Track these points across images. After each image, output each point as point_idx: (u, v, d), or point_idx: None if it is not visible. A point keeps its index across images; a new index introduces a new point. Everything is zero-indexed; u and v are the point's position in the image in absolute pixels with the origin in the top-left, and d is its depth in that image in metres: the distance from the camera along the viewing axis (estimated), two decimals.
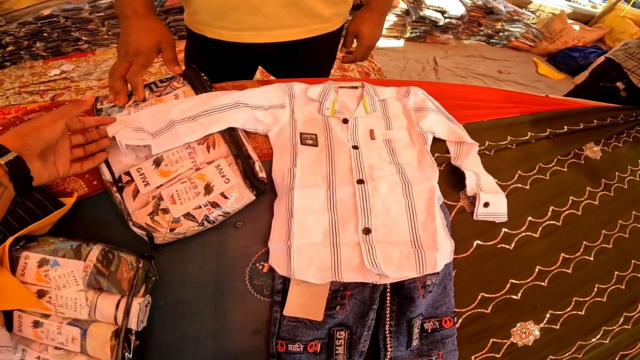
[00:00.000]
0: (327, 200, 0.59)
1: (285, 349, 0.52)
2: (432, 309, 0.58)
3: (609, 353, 0.68)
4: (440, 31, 3.01)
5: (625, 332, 0.70)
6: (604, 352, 0.68)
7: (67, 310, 0.47)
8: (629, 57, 1.34)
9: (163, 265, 0.56)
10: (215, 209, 0.54)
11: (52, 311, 0.47)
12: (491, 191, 0.67)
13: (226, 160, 0.58)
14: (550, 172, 0.78)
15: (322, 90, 0.73)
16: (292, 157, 0.64)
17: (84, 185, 0.62)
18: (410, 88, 0.77)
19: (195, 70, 0.72)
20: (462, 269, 0.64)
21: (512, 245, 0.69)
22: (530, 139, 0.80)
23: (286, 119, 0.70)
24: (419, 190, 0.61)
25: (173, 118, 0.59)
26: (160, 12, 2.40)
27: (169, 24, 2.50)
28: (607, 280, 0.72)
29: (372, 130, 0.69)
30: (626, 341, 0.70)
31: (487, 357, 0.61)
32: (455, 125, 0.73)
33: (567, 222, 0.74)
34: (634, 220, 0.81)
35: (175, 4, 2.37)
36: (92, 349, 0.46)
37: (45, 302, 0.47)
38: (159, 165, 0.57)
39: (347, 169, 0.63)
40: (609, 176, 0.84)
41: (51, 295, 0.47)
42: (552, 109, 0.88)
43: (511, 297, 0.65)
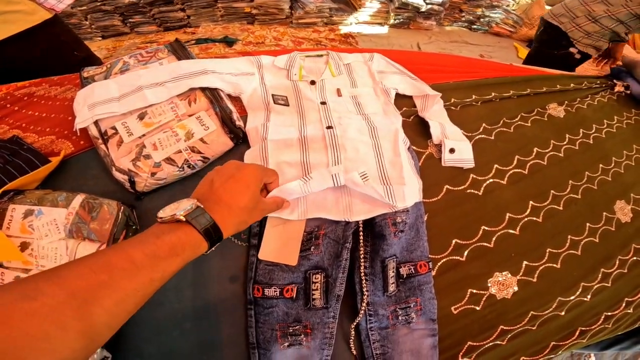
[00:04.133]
0: (299, 145, 0.63)
1: (261, 293, 0.54)
2: (407, 252, 0.60)
3: (593, 313, 0.69)
4: (423, 17, 3.07)
5: (606, 290, 0.71)
6: (586, 311, 0.69)
7: (48, 261, 0.48)
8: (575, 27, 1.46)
9: (145, 215, 0.58)
10: (195, 153, 0.58)
11: (33, 265, 0.48)
12: (456, 139, 0.72)
13: (206, 112, 0.62)
14: (514, 126, 0.83)
15: (288, 59, 0.78)
16: (266, 114, 0.68)
17: (71, 145, 0.65)
18: (374, 54, 0.83)
19: (180, 42, 0.76)
20: (434, 213, 0.67)
21: (481, 190, 0.72)
22: (494, 97, 0.85)
23: (257, 84, 0.74)
24: (384, 132, 0.66)
25: (141, 84, 0.63)
26: (144, 4, 2.41)
27: (153, 16, 2.51)
28: (580, 232, 0.75)
29: (339, 89, 0.75)
30: (608, 301, 0.71)
31: (467, 309, 0.62)
32: (418, 83, 0.79)
33: (533, 171, 0.78)
34: (601, 172, 0.85)
35: None
36: None
37: (27, 255, 0.48)
38: (143, 118, 0.61)
39: (317, 120, 0.67)
40: (573, 132, 0.89)
41: (33, 247, 0.49)
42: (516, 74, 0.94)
43: (485, 244, 0.68)
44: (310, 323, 0.54)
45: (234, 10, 2.62)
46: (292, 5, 2.71)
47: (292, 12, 2.72)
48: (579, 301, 0.68)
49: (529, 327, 0.64)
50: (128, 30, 2.59)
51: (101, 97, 0.62)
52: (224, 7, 2.59)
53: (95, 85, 0.64)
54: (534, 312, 0.65)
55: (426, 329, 0.58)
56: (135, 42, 2.50)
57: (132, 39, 2.55)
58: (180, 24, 2.63)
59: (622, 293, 0.72)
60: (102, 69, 0.70)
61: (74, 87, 0.76)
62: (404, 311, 0.57)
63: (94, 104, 0.61)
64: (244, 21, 2.70)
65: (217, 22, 2.66)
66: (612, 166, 0.88)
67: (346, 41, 2.72)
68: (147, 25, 2.58)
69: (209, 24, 2.64)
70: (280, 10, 2.65)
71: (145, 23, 2.57)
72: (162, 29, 2.62)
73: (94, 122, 0.61)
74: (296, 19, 2.71)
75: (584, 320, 0.68)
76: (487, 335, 0.61)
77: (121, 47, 2.46)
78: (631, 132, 0.99)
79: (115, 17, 2.49)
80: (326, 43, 2.64)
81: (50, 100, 0.74)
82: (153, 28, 2.59)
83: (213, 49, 2.36)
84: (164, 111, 0.61)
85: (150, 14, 2.52)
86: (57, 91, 0.76)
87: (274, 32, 2.65)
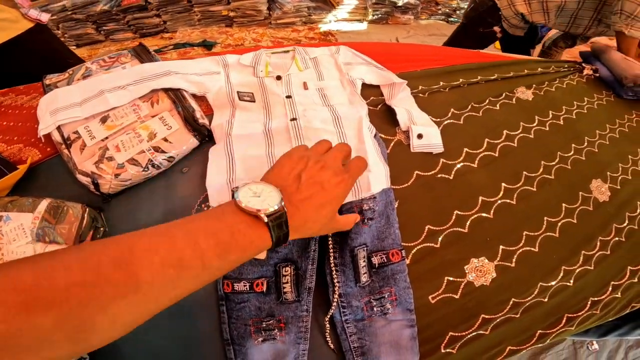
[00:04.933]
0: (264, 138, 0.63)
1: (231, 288, 0.53)
2: (378, 241, 0.59)
3: (578, 298, 0.67)
4: (401, 12, 3.12)
5: (590, 274, 0.69)
6: (571, 297, 0.67)
7: None
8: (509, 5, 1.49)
9: (113, 216, 0.58)
10: (158, 153, 0.58)
11: None
12: (424, 124, 0.72)
13: (169, 113, 0.62)
14: (482, 110, 0.84)
15: (254, 56, 0.78)
16: (231, 111, 0.68)
17: (38, 153, 0.65)
18: (340, 46, 0.84)
19: (144, 46, 0.76)
20: (405, 200, 0.66)
21: (451, 175, 0.72)
22: (461, 83, 0.86)
23: (222, 82, 0.73)
24: (348, 122, 0.66)
25: (103, 88, 0.63)
26: (118, 12, 2.40)
27: (128, 23, 2.49)
28: (556, 213, 0.73)
29: (305, 82, 0.75)
30: (593, 286, 0.69)
31: (445, 297, 0.60)
32: (385, 72, 0.80)
33: (503, 154, 0.78)
34: (574, 152, 0.84)
35: (133, 3, 2.36)
36: None
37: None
38: (105, 121, 0.60)
39: (283, 114, 0.67)
40: (543, 114, 0.90)
41: (3, 251, 0.48)
42: (483, 60, 0.95)
43: (459, 230, 0.66)
44: (283, 317, 0.54)
45: (210, 14, 2.61)
46: (270, 6, 2.71)
47: (270, 13, 2.72)
48: (562, 286, 0.66)
49: (512, 315, 0.62)
50: (103, 38, 2.56)
51: (63, 102, 0.61)
52: (201, 11, 2.58)
53: (57, 92, 0.63)
54: (515, 299, 0.63)
55: (404, 319, 0.56)
56: (110, 49, 2.47)
57: (107, 47, 2.52)
58: (157, 30, 2.60)
59: (607, 276, 0.71)
60: (65, 75, 0.69)
61: (39, 95, 0.75)
62: (379, 302, 0.56)
63: (56, 109, 0.60)
64: (222, 24, 2.69)
65: (194, 26, 2.65)
66: (585, 145, 0.88)
67: (326, 39, 2.73)
68: (123, 33, 2.56)
69: (187, 29, 2.63)
70: (258, 12, 2.66)
71: (120, 30, 2.55)
72: (138, 36, 2.60)
73: (57, 128, 0.60)
74: (275, 20, 2.72)
75: (570, 306, 0.66)
76: (468, 325, 0.59)
77: (97, 55, 2.43)
78: (603, 112, 1.00)
79: (88, 26, 2.46)
80: (306, 42, 2.65)
81: (17, 109, 0.74)
82: (129, 35, 2.57)
83: (192, 53, 2.36)
84: (126, 113, 0.61)
85: (125, 21, 2.50)
86: (23, 100, 0.76)
87: (253, 33, 2.65)
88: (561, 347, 1.48)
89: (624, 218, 0.78)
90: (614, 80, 1.11)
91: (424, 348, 0.56)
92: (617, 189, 0.82)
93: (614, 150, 0.91)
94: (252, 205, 0.36)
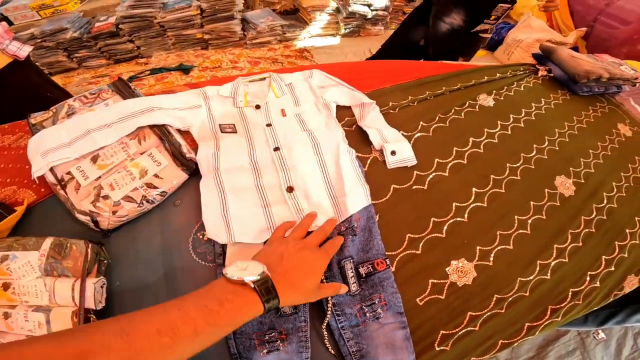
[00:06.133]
0: (251, 169, 0.68)
1: None
2: (363, 253, 0.64)
3: (558, 290, 0.70)
4: (371, 24, 3.21)
5: (565, 266, 0.72)
6: (551, 289, 0.70)
7: (30, 297, 0.52)
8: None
9: (114, 249, 0.62)
10: (151, 189, 0.61)
11: (18, 301, 0.52)
12: (396, 140, 0.78)
13: (157, 149, 0.65)
14: (449, 120, 0.90)
15: (232, 87, 0.83)
16: (215, 144, 0.72)
17: (32, 194, 0.67)
18: (312, 70, 0.90)
19: (123, 80, 0.79)
20: (384, 213, 0.71)
21: (425, 185, 0.77)
22: (428, 96, 0.93)
23: (204, 116, 0.78)
24: (326, 147, 0.72)
25: (89, 127, 0.66)
26: (89, 39, 2.38)
27: (100, 49, 2.47)
28: (525, 211, 0.78)
29: (283, 109, 0.80)
30: (571, 277, 0.72)
31: (432, 298, 0.64)
32: (355, 92, 0.86)
33: (471, 160, 0.84)
34: (537, 152, 0.90)
35: (104, 30, 2.37)
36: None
37: (11, 293, 0.52)
38: (96, 161, 0.63)
39: (265, 142, 0.72)
40: (504, 118, 0.96)
41: (14, 286, 0.52)
42: (446, 71, 1.02)
43: (437, 235, 0.71)
44: (284, 329, 0.57)
45: (185, 38, 2.61)
46: (244, 26, 2.75)
47: (244, 33, 2.75)
48: (540, 280, 0.70)
49: (498, 311, 0.66)
50: (76, 65, 2.51)
51: (52, 143, 0.64)
52: (174, 35, 2.58)
53: (44, 133, 0.66)
54: (498, 295, 0.67)
55: (396, 322, 0.60)
56: (85, 77, 2.43)
57: (81, 74, 2.47)
58: (131, 55, 2.58)
59: (583, 267, 0.74)
60: (49, 114, 0.72)
61: (25, 134, 0.79)
62: (370, 308, 0.60)
63: (46, 151, 0.63)
64: (197, 47, 2.70)
65: (169, 50, 2.64)
66: (546, 145, 0.93)
67: (302, 56, 2.76)
68: (96, 59, 2.52)
69: (162, 53, 2.61)
70: (232, 33, 2.68)
71: (93, 57, 2.51)
72: (112, 62, 2.55)
73: (50, 169, 0.63)
74: (250, 40, 2.74)
75: (552, 298, 0.69)
76: (457, 322, 0.63)
77: (71, 83, 2.38)
78: (560, 111, 1.07)
79: (60, 53, 2.41)
80: (283, 60, 2.67)
81: (6, 150, 0.76)
82: (102, 61, 2.53)
83: (169, 77, 2.34)
84: (115, 152, 0.64)
85: (97, 48, 2.47)
86: (10, 140, 0.79)
87: (229, 54, 2.66)
88: (567, 339, 1.48)
89: (591, 210, 0.83)
90: (568, 78, 1.17)
91: (418, 347, 0.60)
92: (582, 183, 0.87)
93: (575, 145, 0.97)
94: (236, 273, 0.43)
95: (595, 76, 1.11)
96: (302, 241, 0.54)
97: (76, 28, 2.36)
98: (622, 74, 1.18)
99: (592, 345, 1.49)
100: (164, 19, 2.46)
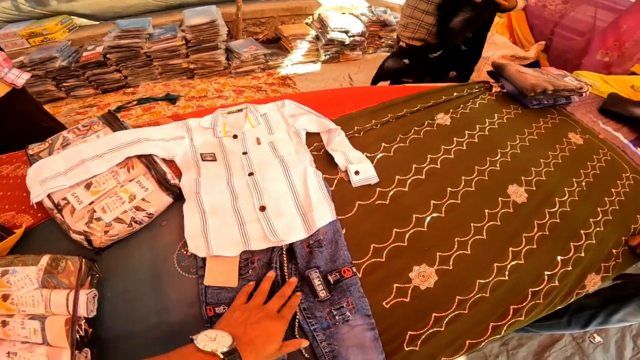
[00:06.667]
0: (229, 193, 0.77)
1: (213, 312, 0.64)
2: (331, 262, 0.72)
3: (517, 291, 0.74)
4: (350, 49, 3.36)
5: (522, 267, 0.77)
6: (510, 290, 0.74)
7: (27, 307, 0.58)
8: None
9: (106, 265, 0.68)
10: (139, 211, 0.69)
11: (15, 310, 0.58)
12: (359, 161, 0.88)
13: (144, 176, 0.74)
14: (409, 140, 1.00)
15: (212, 118, 0.94)
16: (197, 171, 0.81)
17: (30, 218, 0.74)
18: (284, 101, 1.00)
19: (113, 113, 0.88)
20: (350, 226, 0.79)
21: (387, 200, 0.85)
22: (390, 118, 1.03)
23: (187, 146, 0.87)
24: (295, 171, 0.81)
25: (83, 157, 0.74)
26: (77, 68, 2.43)
27: (88, 79, 2.52)
28: (481, 219, 0.84)
29: (258, 138, 0.90)
30: (528, 277, 0.76)
31: (397, 301, 0.69)
32: (323, 120, 0.96)
33: (429, 175, 0.93)
34: (490, 164, 0.99)
35: (91, 59, 2.42)
36: (52, 337, 0.57)
37: (9, 303, 0.58)
38: (89, 187, 0.71)
39: (241, 169, 0.82)
40: (460, 135, 1.06)
41: (13, 297, 0.58)
42: (408, 94, 1.13)
43: (400, 244, 0.77)
44: None
45: (171, 67, 2.71)
46: (228, 56, 2.86)
47: (229, 62, 2.85)
48: (498, 281, 0.75)
49: (461, 312, 0.70)
50: (64, 94, 2.55)
51: (49, 172, 0.72)
52: (161, 65, 2.67)
53: (42, 163, 0.74)
54: (460, 296, 0.71)
55: (364, 324, 0.66)
56: (73, 107, 2.47)
57: (70, 104, 2.52)
58: (119, 85, 2.64)
59: (539, 268, 0.79)
60: (45, 145, 0.80)
61: (22, 164, 0.85)
62: (339, 311, 0.67)
63: (44, 179, 0.71)
64: (183, 76, 2.79)
65: (156, 80, 2.72)
66: (498, 157, 1.01)
67: (284, 83, 2.88)
68: (84, 89, 2.56)
69: (149, 83, 2.69)
70: (217, 62, 2.79)
71: (81, 86, 2.55)
72: (99, 92, 2.61)
73: (47, 196, 0.70)
74: (234, 69, 2.85)
75: (512, 298, 0.73)
76: (423, 323, 0.68)
77: (60, 113, 2.41)
78: (512, 125, 1.16)
79: (49, 82, 2.45)
80: (266, 88, 2.77)
81: (4, 179, 0.83)
82: (90, 91, 2.58)
83: (156, 107, 2.40)
84: (107, 179, 0.72)
85: (85, 77, 2.51)
86: (8, 170, 0.85)
87: (214, 84, 2.75)
88: (563, 344, 1.50)
89: (544, 214, 0.90)
90: (519, 93, 1.25)
91: (388, 348, 0.64)
92: (534, 190, 0.95)
93: (526, 156, 1.05)
94: (210, 347, 0.47)
95: (540, 89, 1.20)
96: (262, 308, 0.59)
97: (64, 57, 2.42)
98: (565, 85, 1.27)
99: (591, 349, 1.50)
100: (150, 49, 2.56)
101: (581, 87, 1.30)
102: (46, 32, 2.53)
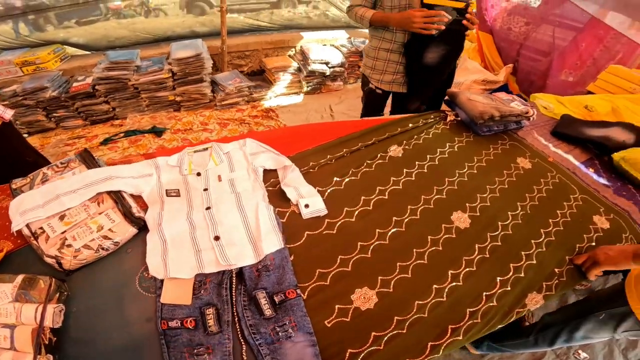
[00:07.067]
0: (188, 225, 0.88)
1: (167, 326, 0.72)
2: (277, 285, 0.80)
3: (456, 311, 0.77)
4: (331, 80, 3.48)
5: (460, 288, 0.81)
6: (448, 310, 0.77)
7: (1, 317, 0.66)
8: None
9: (75, 284, 0.76)
10: (106, 240, 0.79)
11: None
12: (310, 195, 0.98)
13: (112, 210, 0.84)
14: (360, 173, 1.10)
15: (179, 157, 1.05)
16: (161, 205, 0.92)
17: (10, 244, 0.83)
18: (246, 140, 1.12)
19: (88, 151, 0.99)
20: (298, 253, 0.86)
21: (334, 230, 0.93)
22: (345, 153, 1.13)
23: (154, 183, 0.98)
24: (249, 206, 0.92)
25: (59, 193, 0.85)
26: (67, 98, 2.49)
27: (77, 110, 2.58)
28: (423, 245, 0.90)
29: (220, 175, 1.01)
30: (466, 297, 0.79)
31: (338, 321, 0.74)
32: (280, 157, 1.07)
33: (377, 206, 1.00)
34: (436, 193, 1.05)
35: (81, 90, 2.50)
36: (19, 344, 0.64)
37: None
38: (63, 219, 0.81)
39: (200, 204, 0.93)
40: (410, 166, 1.13)
41: None
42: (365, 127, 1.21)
43: (344, 269, 0.84)
44: (210, 345, 0.71)
45: (158, 99, 2.79)
46: (214, 88, 2.95)
47: (214, 95, 2.94)
48: (436, 302, 0.78)
49: (400, 331, 0.74)
50: (54, 125, 2.59)
51: (29, 205, 0.82)
52: (148, 97, 2.75)
53: (23, 197, 0.84)
54: (398, 317, 0.75)
55: (306, 340, 0.73)
56: (62, 138, 2.51)
57: (58, 135, 2.55)
58: (107, 117, 2.70)
59: (478, 288, 0.82)
60: (27, 180, 0.90)
61: (5, 196, 0.94)
62: (282, 328, 0.74)
63: (24, 211, 0.81)
64: (170, 109, 2.86)
65: (143, 112, 2.79)
66: (445, 186, 1.07)
67: (268, 116, 2.95)
68: (73, 120, 2.62)
69: (136, 115, 2.75)
70: (202, 95, 2.87)
71: (70, 117, 2.60)
72: (88, 123, 2.66)
73: (26, 225, 0.80)
74: (219, 102, 2.94)
75: (450, 318, 0.77)
76: (362, 342, 0.72)
77: (49, 144, 2.45)
78: (463, 153, 1.21)
79: (39, 112, 2.49)
80: (250, 121, 2.83)
81: None
82: (79, 122, 2.63)
83: (142, 140, 2.45)
84: (79, 212, 0.83)
85: (74, 108, 2.57)
86: None
87: (200, 116, 2.81)
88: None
89: (485, 238, 0.95)
90: (470, 120, 1.29)
91: None
92: (477, 216, 1.00)
93: (473, 183, 1.11)
94: None
95: (488, 116, 1.24)
96: None
97: (55, 87, 2.48)
98: (511, 110, 1.30)
99: None
100: (138, 82, 2.64)
101: (527, 112, 1.32)
102: (39, 62, 2.59)
